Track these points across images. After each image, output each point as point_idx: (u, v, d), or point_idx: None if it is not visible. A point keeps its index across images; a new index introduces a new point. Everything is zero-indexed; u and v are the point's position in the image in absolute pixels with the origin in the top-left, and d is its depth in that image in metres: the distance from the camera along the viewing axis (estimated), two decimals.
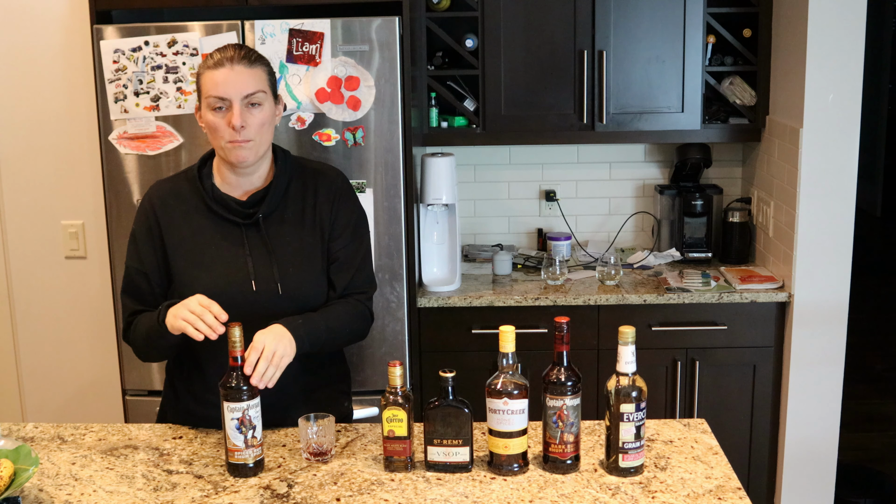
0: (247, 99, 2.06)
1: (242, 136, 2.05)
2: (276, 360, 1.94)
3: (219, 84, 2.04)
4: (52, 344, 3.59)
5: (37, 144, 3.46)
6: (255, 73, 2.07)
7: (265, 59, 2.13)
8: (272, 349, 1.94)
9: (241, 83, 2.05)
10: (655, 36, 3.43)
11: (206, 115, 2.08)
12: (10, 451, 1.84)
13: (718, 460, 1.98)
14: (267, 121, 2.10)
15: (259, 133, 2.08)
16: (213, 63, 2.06)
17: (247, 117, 2.06)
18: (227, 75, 2.05)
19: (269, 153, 2.17)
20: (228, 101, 2.05)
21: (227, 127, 2.05)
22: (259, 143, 2.09)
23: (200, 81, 2.09)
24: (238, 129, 2.04)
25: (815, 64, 3.09)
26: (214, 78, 2.05)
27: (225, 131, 2.06)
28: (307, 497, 1.85)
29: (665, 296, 3.26)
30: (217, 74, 2.05)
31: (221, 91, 2.04)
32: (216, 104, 2.05)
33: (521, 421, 1.89)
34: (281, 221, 2.15)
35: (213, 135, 2.09)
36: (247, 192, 2.16)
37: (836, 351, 3.26)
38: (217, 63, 2.06)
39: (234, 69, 2.05)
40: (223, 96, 2.04)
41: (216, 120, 2.06)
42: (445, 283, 3.35)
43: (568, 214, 3.84)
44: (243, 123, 2.04)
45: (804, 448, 3.31)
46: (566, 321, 1.87)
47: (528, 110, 3.48)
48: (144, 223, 2.17)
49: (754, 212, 3.62)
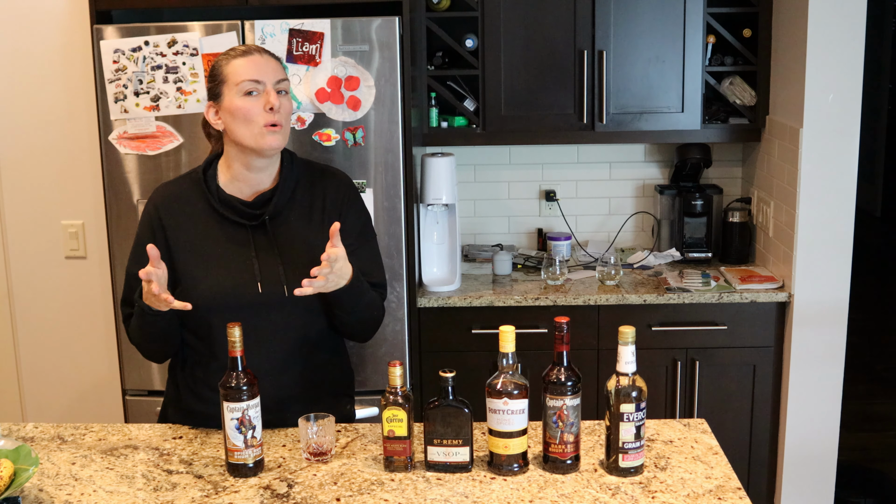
0: (278, 84, 2.08)
1: (278, 119, 2.07)
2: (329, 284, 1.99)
3: (251, 68, 2.06)
4: (52, 344, 3.59)
5: (37, 144, 3.46)
6: (278, 65, 2.12)
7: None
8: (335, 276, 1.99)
9: (273, 69, 2.08)
10: (655, 36, 3.43)
11: (235, 102, 2.06)
12: (10, 451, 1.84)
13: (718, 460, 1.98)
14: (290, 111, 2.13)
15: (287, 121, 2.11)
16: (240, 52, 2.08)
17: (282, 101, 2.09)
18: (258, 60, 2.07)
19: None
20: (263, 83, 2.06)
21: (263, 110, 2.05)
22: (286, 132, 2.11)
23: (225, 71, 2.07)
24: (277, 108, 2.05)
25: (815, 64, 3.09)
26: (246, 64, 2.06)
27: (260, 115, 2.05)
28: (307, 497, 1.85)
29: (665, 296, 3.26)
30: (248, 60, 2.07)
31: (256, 74, 2.05)
32: (250, 88, 2.05)
33: (521, 421, 1.89)
34: (287, 223, 2.15)
35: (245, 122, 2.06)
36: (253, 194, 2.15)
37: (836, 351, 3.26)
38: (245, 52, 2.08)
39: (263, 56, 2.09)
40: (258, 78, 2.05)
41: (249, 105, 2.05)
42: (445, 283, 3.35)
43: (568, 214, 3.84)
44: (280, 105, 2.06)
45: (804, 448, 3.31)
46: (566, 321, 1.87)
47: (528, 110, 3.48)
48: (148, 228, 2.16)
49: (754, 212, 3.62)
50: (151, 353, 2.22)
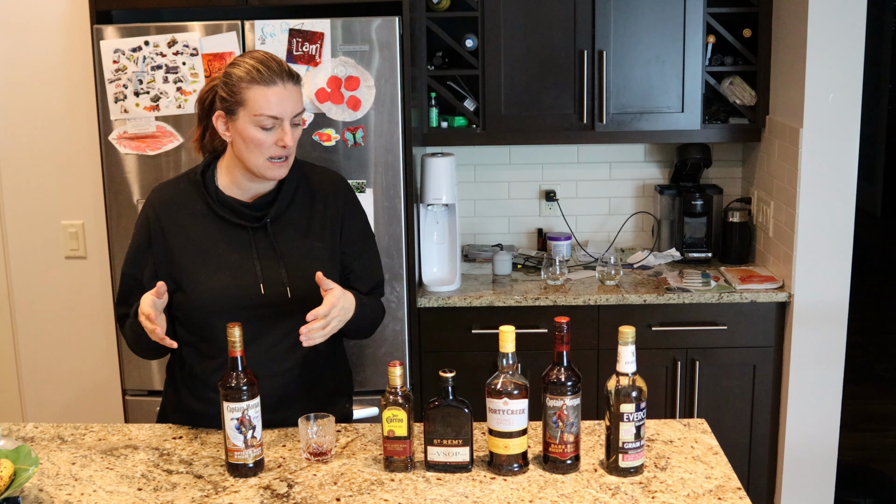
0: (295, 118, 2.06)
1: (286, 153, 2.06)
2: (330, 330, 1.98)
3: (273, 104, 2.01)
4: (52, 344, 3.59)
5: (37, 144, 3.46)
6: (298, 91, 2.07)
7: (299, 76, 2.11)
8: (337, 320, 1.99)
9: (293, 103, 2.04)
10: (655, 36, 3.43)
11: (249, 131, 2.02)
12: (10, 451, 1.84)
13: (718, 460, 1.98)
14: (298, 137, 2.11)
15: (294, 150, 2.09)
16: (264, 79, 2.00)
17: (295, 135, 2.07)
18: (281, 94, 2.01)
19: None
20: (282, 120, 2.03)
21: (275, 145, 2.03)
22: (292, 159, 2.11)
23: (246, 95, 2.01)
24: (289, 145, 2.04)
25: (815, 64, 3.09)
26: (268, 96, 2.01)
27: (269, 149, 2.04)
28: (307, 497, 1.85)
29: (665, 296, 3.26)
30: (271, 92, 2.01)
31: (276, 111, 2.01)
32: (267, 123, 2.02)
33: (521, 421, 1.89)
34: (287, 225, 2.15)
35: (254, 150, 2.04)
36: (253, 196, 2.15)
37: (836, 351, 3.26)
38: (269, 80, 2.01)
39: (287, 88, 2.03)
40: (278, 116, 2.02)
41: (263, 137, 2.02)
42: (445, 283, 3.35)
43: (568, 214, 3.84)
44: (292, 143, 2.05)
45: (804, 448, 3.31)
46: (566, 321, 1.87)
47: (528, 110, 3.48)
48: (145, 229, 2.16)
49: (754, 212, 3.62)
50: (145, 355, 2.22)
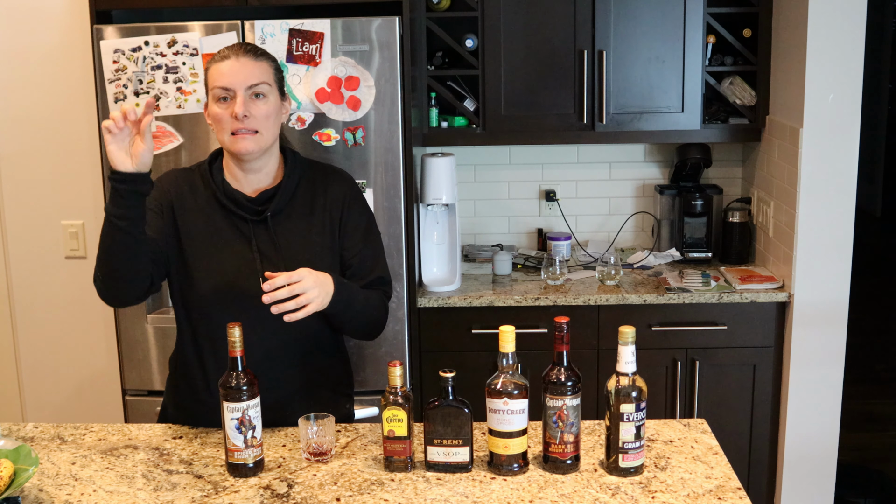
0: (251, 90, 2.07)
1: (246, 124, 2.07)
2: (302, 300, 1.95)
3: (224, 74, 2.07)
4: (52, 344, 3.59)
5: (37, 144, 3.46)
6: (260, 65, 2.10)
7: (273, 56, 2.16)
8: (304, 288, 1.95)
9: (246, 74, 2.07)
10: (655, 36, 3.43)
11: (211, 107, 2.10)
12: (10, 451, 1.84)
13: (718, 460, 1.98)
14: (272, 114, 2.11)
15: (264, 125, 2.09)
16: (220, 56, 2.10)
17: (251, 108, 2.07)
18: (232, 66, 2.07)
19: (275, 150, 2.18)
20: (233, 91, 2.07)
21: (230, 117, 2.07)
22: (264, 136, 2.10)
23: (208, 74, 2.11)
24: (241, 117, 2.05)
25: (815, 64, 3.09)
26: (220, 69, 2.08)
27: (228, 122, 2.07)
28: (307, 497, 1.85)
29: (665, 296, 3.26)
30: (222, 66, 2.08)
31: (226, 81, 2.07)
32: (221, 94, 2.08)
33: (521, 421, 1.89)
34: (289, 220, 2.16)
35: (218, 127, 2.10)
36: (256, 190, 2.17)
37: (836, 351, 3.26)
38: (223, 56, 2.09)
39: (240, 60, 2.08)
40: (227, 86, 2.07)
41: (220, 111, 2.08)
42: (445, 283, 3.35)
43: (568, 214, 3.84)
44: (246, 113, 2.06)
45: (804, 448, 3.31)
46: (566, 321, 1.87)
47: (527, 110, 3.48)
48: (157, 198, 2.15)
49: (754, 212, 3.62)
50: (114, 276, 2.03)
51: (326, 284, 2.01)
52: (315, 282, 1.98)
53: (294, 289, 1.94)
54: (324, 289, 2.00)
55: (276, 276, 1.95)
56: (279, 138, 2.19)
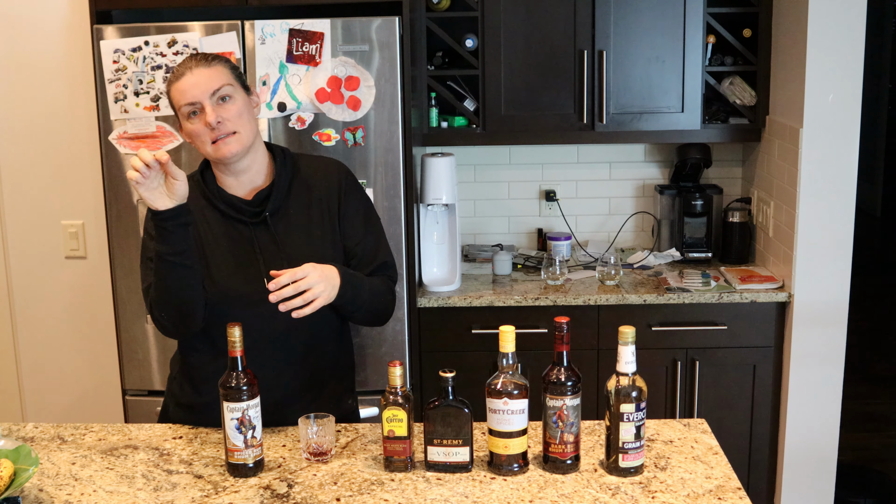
0: (215, 95, 2.07)
1: (223, 129, 2.07)
2: (309, 295, 1.96)
3: (185, 91, 2.06)
4: (52, 344, 3.59)
5: (37, 144, 3.46)
6: (215, 70, 2.09)
7: (222, 56, 2.15)
8: (310, 284, 1.96)
9: (204, 82, 2.07)
10: (655, 36, 3.43)
11: (185, 126, 2.10)
12: (10, 451, 1.84)
13: (718, 460, 1.98)
14: (243, 111, 2.11)
15: (240, 124, 2.09)
16: (175, 76, 2.09)
17: (221, 112, 2.07)
18: (189, 80, 2.07)
19: (260, 146, 2.18)
20: (199, 103, 2.06)
21: (205, 128, 2.07)
22: (244, 134, 2.10)
23: (171, 98, 2.11)
24: (215, 125, 2.05)
25: (815, 64, 3.09)
26: (180, 87, 2.07)
27: (205, 133, 2.07)
28: (307, 497, 1.85)
29: (665, 296, 3.26)
30: (180, 84, 2.07)
31: (190, 96, 2.06)
32: (189, 110, 2.07)
33: (521, 421, 1.89)
34: (287, 218, 2.16)
35: (197, 142, 2.10)
36: (251, 192, 2.17)
37: (836, 351, 3.26)
38: (178, 75, 2.09)
39: (195, 72, 2.07)
40: (192, 101, 2.06)
41: (194, 126, 2.08)
42: (445, 283, 3.35)
43: (568, 214, 3.84)
44: (219, 118, 2.06)
45: (804, 448, 3.31)
46: (566, 321, 1.87)
47: (527, 110, 3.48)
48: None
49: (754, 212, 3.62)
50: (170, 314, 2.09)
51: (332, 277, 2.02)
52: (321, 276, 1.99)
53: (300, 286, 1.95)
54: (330, 282, 2.01)
55: (281, 273, 1.95)
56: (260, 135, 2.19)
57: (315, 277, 1.97)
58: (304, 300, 1.96)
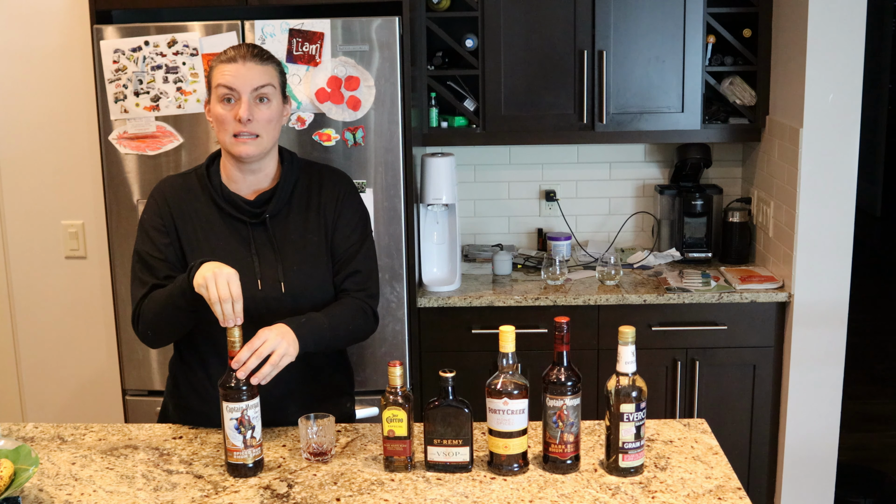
0: (256, 93, 2.08)
1: (248, 128, 2.07)
2: (276, 358, 1.94)
3: (228, 75, 2.07)
4: (52, 344, 3.59)
5: (37, 144, 3.46)
6: (265, 69, 2.10)
7: (278, 59, 2.16)
8: (271, 347, 1.94)
9: (251, 77, 2.08)
10: (655, 36, 3.43)
11: (214, 107, 2.10)
12: (10, 451, 1.84)
13: (718, 460, 1.98)
14: (274, 118, 2.12)
15: (266, 129, 2.10)
16: (227, 58, 2.10)
17: (254, 111, 2.08)
18: (238, 69, 2.07)
19: (274, 153, 2.19)
20: (237, 93, 2.07)
21: (234, 120, 2.07)
22: (265, 139, 2.11)
23: (212, 74, 2.11)
24: (244, 121, 2.06)
25: (815, 64, 3.09)
26: (225, 70, 2.08)
27: (231, 124, 2.08)
28: (307, 497, 1.85)
29: (665, 296, 3.26)
30: (228, 67, 2.08)
31: (231, 81, 2.07)
32: (226, 94, 2.08)
33: (521, 421, 1.89)
34: (286, 222, 2.16)
35: (219, 128, 2.10)
36: (254, 192, 2.17)
37: (836, 351, 3.26)
38: (230, 58, 2.09)
39: (246, 65, 2.08)
40: (232, 87, 2.07)
41: (224, 112, 2.08)
42: (445, 283, 3.35)
43: (568, 214, 3.84)
44: (250, 117, 2.06)
45: (804, 448, 3.31)
46: (566, 321, 1.87)
47: (527, 110, 3.48)
48: (157, 214, 2.17)
49: (754, 212, 3.62)
50: (160, 337, 2.15)
51: (287, 334, 1.99)
52: (278, 335, 1.97)
53: (262, 353, 1.93)
54: (287, 337, 1.98)
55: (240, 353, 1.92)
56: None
57: (274, 339, 1.95)
58: (273, 364, 1.93)
